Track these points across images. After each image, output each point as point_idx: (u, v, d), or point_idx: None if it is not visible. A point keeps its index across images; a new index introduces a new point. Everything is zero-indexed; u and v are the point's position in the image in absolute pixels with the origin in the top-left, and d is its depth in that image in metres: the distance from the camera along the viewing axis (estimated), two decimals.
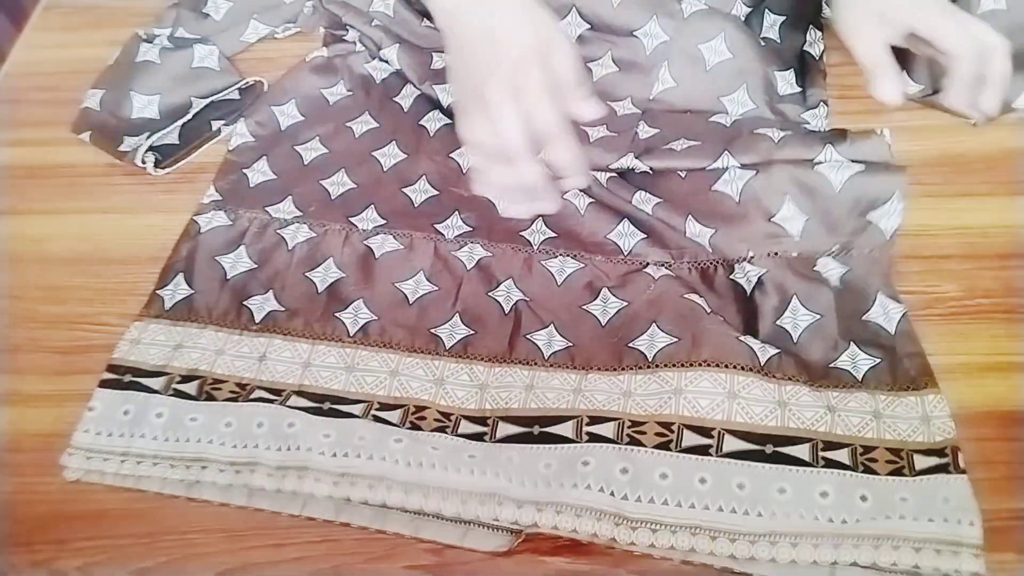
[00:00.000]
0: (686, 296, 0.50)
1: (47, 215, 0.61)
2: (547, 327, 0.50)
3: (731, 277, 0.51)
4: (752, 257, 0.51)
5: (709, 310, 0.49)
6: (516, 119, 0.42)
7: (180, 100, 0.63)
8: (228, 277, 0.55)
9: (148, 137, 0.60)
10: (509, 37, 0.43)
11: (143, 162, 0.60)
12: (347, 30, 0.67)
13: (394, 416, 0.47)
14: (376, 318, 0.52)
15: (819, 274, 0.50)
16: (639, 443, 0.43)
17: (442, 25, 0.47)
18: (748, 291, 0.50)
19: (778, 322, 0.49)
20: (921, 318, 0.50)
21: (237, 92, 0.65)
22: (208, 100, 0.64)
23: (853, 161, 0.52)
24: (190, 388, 0.49)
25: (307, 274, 0.54)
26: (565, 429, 0.45)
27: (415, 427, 0.46)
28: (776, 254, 0.51)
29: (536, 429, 0.45)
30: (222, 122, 0.63)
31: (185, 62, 0.64)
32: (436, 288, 0.53)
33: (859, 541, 0.40)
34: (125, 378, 0.50)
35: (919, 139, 0.57)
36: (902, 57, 0.57)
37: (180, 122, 0.62)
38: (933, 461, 0.42)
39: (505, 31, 0.44)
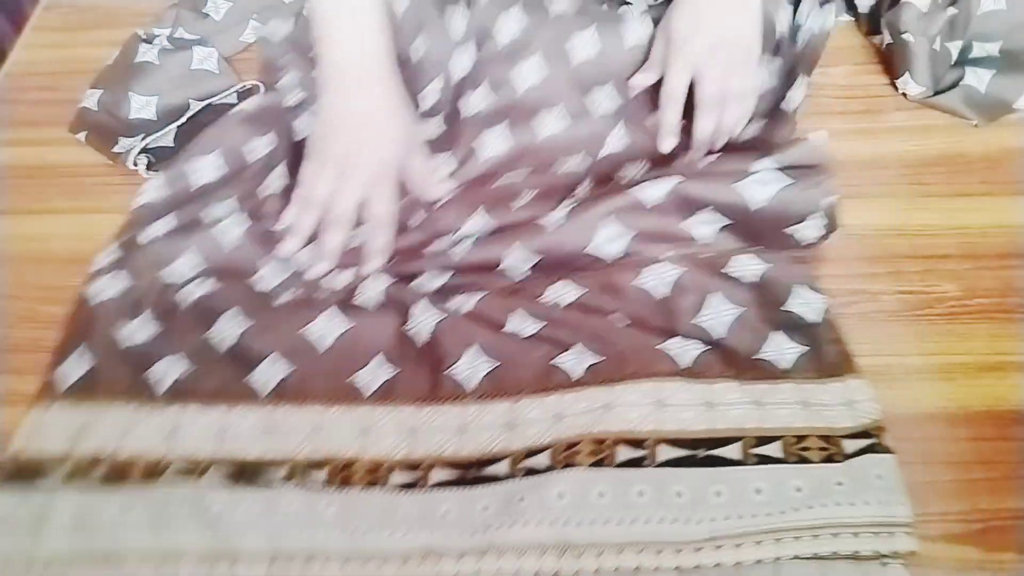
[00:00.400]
0: (598, 315, 0.49)
1: (47, 215, 0.60)
2: (469, 349, 0.48)
3: (638, 284, 0.50)
4: (668, 257, 0.50)
5: (626, 323, 0.49)
6: (357, 201, 0.52)
7: (178, 102, 0.63)
8: (131, 346, 0.50)
9: (143, 139, 0.60)
10: (387, 136, 0.53)
11: (135, 164, 0.60)
12: (281, 75, 0.62)
13: (321, 475, 0.44)
14: (292, 369, 0.48)
15: (735, 271, 0.50)
16: (574, 464, 0.42)
17: (327, 80, 0.54)
18: (665, 293, 0.49)
19: (696, 320, 0.48)
20: (921, 318, 0.50)
21: (235, 95, 0.64)
22: (206, 103, 0.63)
23: (786, 169, 0.51)
24: (97, 475, 0.45)
25: (213, 333, 0.50)
26: (501, 467, 0.44)
27: (345, 484, 0.44)
28: (692, 255, 0.50)
29: (471, 472, 0.44)
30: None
31: (184, 64, 0.64)
32: (351, 326, 0.49)
33: (799, 533, 0.40)
34: (23, 474, 0.45)
35: (919, 139, 0.57)
36: (905, 57, 0.57)
37: (175, 124, 0.62)
38: (862, 443, 0.43)
39: (384, 129, 0.53)
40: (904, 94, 0.59)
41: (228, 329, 0.50)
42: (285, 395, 0.47)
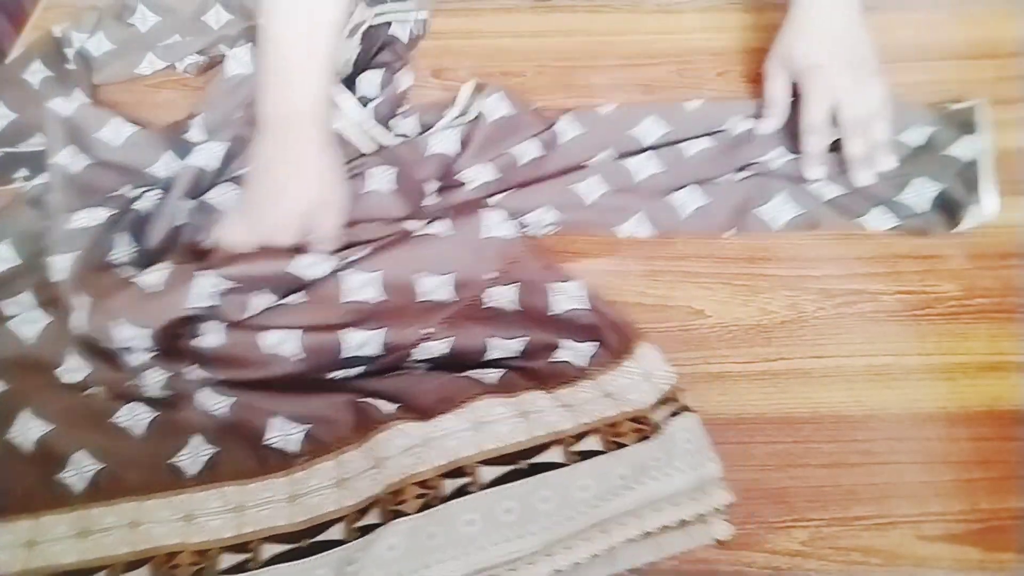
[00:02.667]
0: (393, 374, 0.48)
1: None
2: (273, 420, 0.46)
3: (417, 359, 0.49)
4: (429, 335, 0.49)
5: (424, 369, 0.48)
6: (292, 237, 0.50)
7: (28, 133, 0.60)
8: None
9: None
10: (310, 181, 0.51)
11: None
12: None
13: (143, 574, 0.41)
14: (103, 465, 0.45)
15: (495, 303, 0.51)
16: (403, 513, 0.41)
17: (261, 125, 0.52)
18: (448, 356, 0.49)
19: (487, 357, 0.49)
20: (921, 318, 0.50)
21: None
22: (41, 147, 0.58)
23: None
24: None
25: (15, 433, 0.46)
26: (335, 532, 0.42)
27: None
28: (447, 318, 0.50)
29: (305, 542, 0.42)
30: (25, 172, 0.58)
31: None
32: (156, 413, 0.47)
33: (623, 519, 0.41)
34: None
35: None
36: None
37: None
38: (667, 410, 0.44)
39: (307, 173, 0.51)
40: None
41: (28, 432, 0.46)
42: (99, 490, 0.44)
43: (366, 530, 0.41)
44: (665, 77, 0.63)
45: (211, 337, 0.48)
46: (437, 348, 0.49)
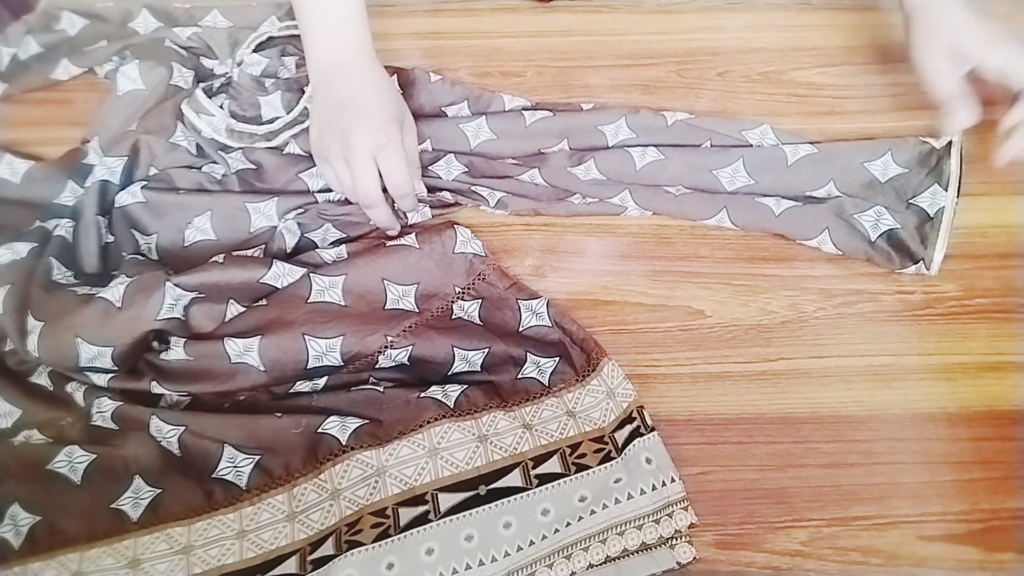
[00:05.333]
0: (355, 389, 0.48)
1: None
2: (224, 449, 0.45)
3: (380, 368, 0.49)
4: (392, 343, 0.49)
5: (383, 389, 0.47)
6: (374, 173, 0.51)
7: None
8: None
9: None
10: (377, 104, 0.53)
11: None
12: None
13: None
14: (39, 517, 0.43)
15: (461, 318, 0.51)
16: (359, 543, 0.41)
17: (315, 80, 0.55)
18: (407, 364, 0.49)
19: (451, 372, 0.48)
20: (921, 318, 0.50)
21: None
22: None
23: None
24: None
25: None
26: (289, 566, 0.41)
27: None
28: (410, 327, 0.50)
29: None
30: None
31: None
32: (94, 456, 0.45)
33: (587, 543, 0.41)
34: None
35: None
36: None
37: None
38: (628, 430, 0.44)
39: (373, 99, 0.53)
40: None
41: None
42: (37, 544, 0.42)
43: (320, 562, 0.41)
44: (665, 77, 0.63)
45: (177, 350, 0.47)
46: (398, 356, 0.49)
